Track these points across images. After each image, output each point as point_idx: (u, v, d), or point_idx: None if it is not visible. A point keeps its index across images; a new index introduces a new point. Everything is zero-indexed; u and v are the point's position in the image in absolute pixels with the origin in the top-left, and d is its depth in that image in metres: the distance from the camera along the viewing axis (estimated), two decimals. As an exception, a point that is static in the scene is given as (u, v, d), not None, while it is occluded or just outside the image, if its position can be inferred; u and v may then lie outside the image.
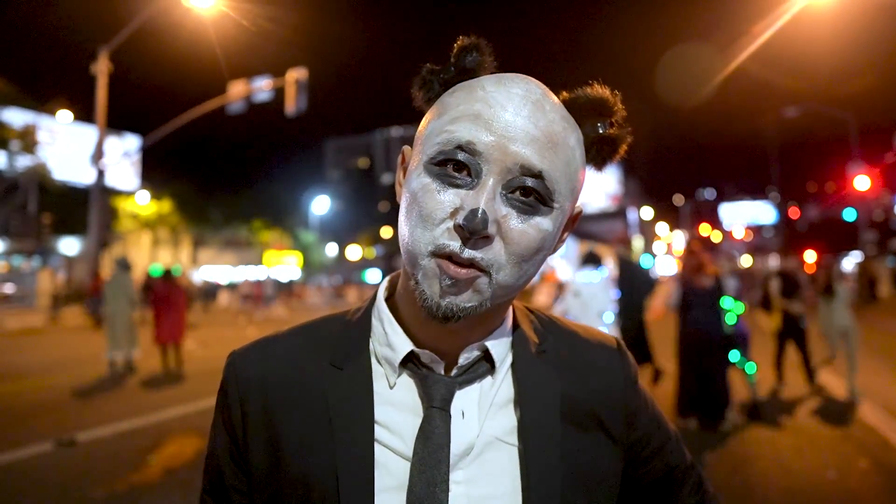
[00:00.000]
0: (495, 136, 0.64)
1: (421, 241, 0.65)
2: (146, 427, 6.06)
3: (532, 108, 0.66)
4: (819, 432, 5.78)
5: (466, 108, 0.66)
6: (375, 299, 0.81)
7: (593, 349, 0.84)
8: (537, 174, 0.65)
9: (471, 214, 0.61)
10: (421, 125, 0.73)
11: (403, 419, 0.72)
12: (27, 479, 4.62)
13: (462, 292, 0.65)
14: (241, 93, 18.89)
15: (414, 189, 0.67)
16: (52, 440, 5.49)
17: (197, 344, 11.96)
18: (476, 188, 0.64)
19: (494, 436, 0.72)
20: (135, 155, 31.53)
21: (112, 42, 19.04)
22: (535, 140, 0.65)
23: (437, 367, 0.73)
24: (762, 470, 4.75)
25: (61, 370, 9.61)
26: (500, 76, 0.70)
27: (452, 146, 0.65)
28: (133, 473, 4.69)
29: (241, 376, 0.77)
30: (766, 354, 8.29)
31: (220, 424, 0.79)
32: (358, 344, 0.77)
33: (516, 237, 0.65)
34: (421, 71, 0.75)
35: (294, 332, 0.82)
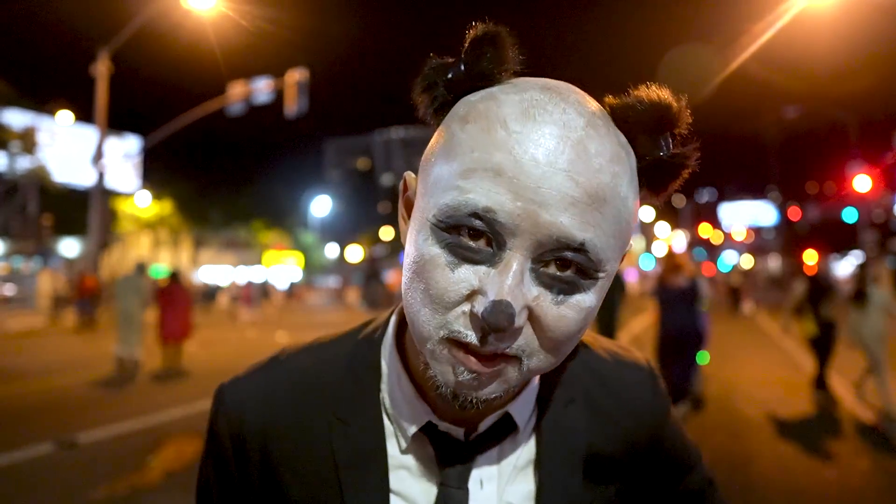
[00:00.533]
0: (522, 201, 0.49)
1: (430, 323, 0.53)
2: (147, 429, 6.05)
3: (572, 154, 0.50)
4: (819, 433, 5.77)
5: (483, 156, 0.51)
6: (384, 336, 0.70)
7: (625, 382, 0.75)
8: (578, 247, 0.51)
9: (493, 307, 0.49)
10: (428, 150, 0.58)
11: (418, 488, 0.65)
12: (27, 480, 4.61)
13: (484, 386, 0.54)
14: (241, 94, 18.90)
15: (419, 257, 0.54)
16: (53, 442, 5.49)
17: (198, 345, 11.95)
18: (499, 266, 0.51)
19: (516, 502, 0.66)
20: (135, 156, 31.54)
21: (112, 43, 19.05)
22: (576, 203, 0.50)
23: (455, 433, 0.65)
24: (762, 470, 4.75)
25: (62, 372, 9.60)
26: (530, 102, 0.52)
27: (466, 212, 0.51)
28: (134, 475, 4.69)
29: (234, 417, 0.68)
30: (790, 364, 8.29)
31: (212, 473, 0.71)
32: (366, 393, 0.68)
33: (551, 323, 0.52)
34: (425, 67, 0.59)
35: (293, 369, 0.71)
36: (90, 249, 20.82)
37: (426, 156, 0.58)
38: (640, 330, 15.80)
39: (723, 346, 12.19)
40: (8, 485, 4.54)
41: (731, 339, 13.65)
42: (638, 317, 19.80)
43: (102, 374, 9.27)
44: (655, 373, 0.80)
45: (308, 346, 0.74)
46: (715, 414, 6.56)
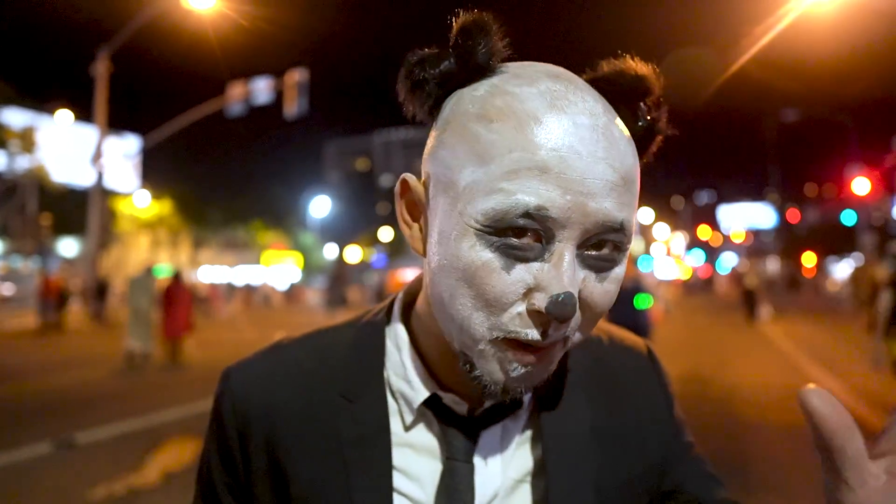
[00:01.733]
0: (571, 194, 0.51)
1: (483, 325, 0.53)
2: (145, 429, 6.05)
3: (605, 142, 0.52)
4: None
5: (525, 156, 0.51)
6: (391, 315, 0.71)
7: (623, 361, 0.76)
8: (619, 227, 0.53)
9: (558, 301, 0.50)
10: (437, 153, 0.57)
11: (423, 465, 0.65)
12: (26, 480, 4.61)
13: (535, 371, 0.56)
14: (240, 94, 18.91)
15: (467, 263, 0.52)
16: (51, 442, 5.49)
17: (196, 345, 11.95)
18: (552, 260, 0.52)
19: (516, 479, 0.66)
20: (134, 156, 31.54)
21: (112, 43, 19.06)
22: (615, 188, 0.52)
23: (459, 409, 0.65)
24: (762, 473, 4.75)
25: (60, 371, 9.60)
26: (550, 94, 0.53)
27: (517, 213, 0.51)
28: (132, 475, 4.68)
29: (239, 401, 0.68)
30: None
31: (214, 456, 0.70)
32: (371, 372, 0.68)
33: (598, 300, 0.55)
34: (406, 63, 0.58)
35: (299, 351, 0.72)
36: (89, 249, 20.81)
37: (438, 157, 0.57)
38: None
39: (723, 349, 12.20)
40: (6, 485, 4.53)
41: (731, 341, 13.66)
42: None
43: (101, 374, 9.28)
44: (655, 356, 0.79)
45: (311, 333, 0.75)
46: (714, 417, 6.56)
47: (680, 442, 0.78)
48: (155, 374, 9.38)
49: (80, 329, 17.24)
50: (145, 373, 9.53)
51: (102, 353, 11.53)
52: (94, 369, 9.69)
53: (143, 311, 10.22)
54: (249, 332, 15.43)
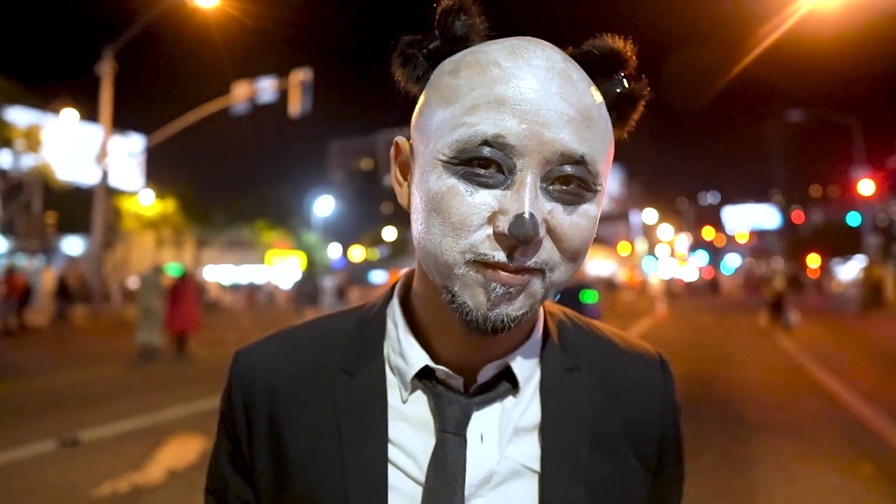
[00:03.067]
0: (527, 123, 0.55)
1: (454, 249, 0.56)
2: (150, 427, 6.06)
3: (560, 81, 0.57)
4: (822, 436, 5.76)
5: (484, 92, 0.56)
6: (392, 297, 0.74)
7: (633, 364, 0.76)
8: (578, 160, 0.56)
9: (517, 220, 0.53)
10: (419, 110, 0.63)
11: (417, 439, 0.66)
12: (30, 478, 4.62)
13: (514, 299, 0.57)
14: (245, 94, 18.94)
15: (435, 192, 0.57)
16: (56, 439, 5.50)
17: (201, 344, 11.98)
18: (514, 187, 0.55)
19: (519, 462, 0.65)
20: (139, 155, 31.60)
21: (117, 42, 19.10)
22: (572, 120, 0.56)
23: (453, 384, 0.66)
24: (765, 474, 4.74)
25: (65, 369, 9.63)
26: (511, 45, 0.59)
27: (477, 142, 0.55)
28: (136, 473, 4.69)
29: (246, 378, 0.72)
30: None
31: (223, 430, 0.74)
32: (371, 347, 0.71)
33: (568, 232, 0.57)
34: (398, 44, 0.65)
35: (303, 330, 0.76)
36: (93, 247, 20.87)
37: (419, 114, 0.63)
38: (644, 330, 15.80)
39: (725, 349, 12.17)
40: (10, 482, 4.55)
41: (733, 341, 13.63)
42: (641, 319, 19.80)
43: (106, 372, 9.30)
44: (667, 364, 0.79)
45: (316, 318, 0.79)
46: (717, 417, 6.55)
47: (673, 461, 0.77)
48: (160, 371, 9.44)
49: (87, 327, 17.29)
50: (150, 370, 9.60)
51: (106, 351, 11.57)
52: (97, 368, 9.71)
53: (153, 308, 10.60)
54: (254, 331, 15.45)
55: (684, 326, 17.78)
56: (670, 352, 5.41)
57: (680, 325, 18.10)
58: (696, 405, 7.14)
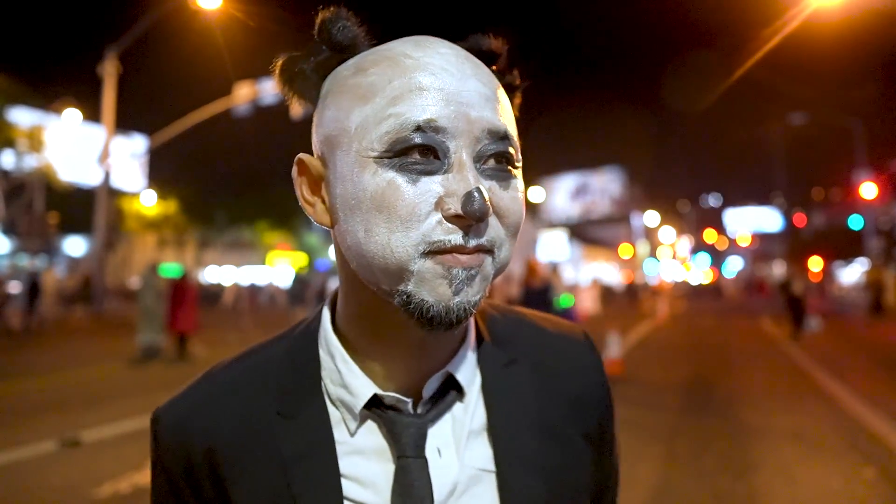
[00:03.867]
0: (453, 105, 0.56)
1: (405, 244, 0.55)
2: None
3: (471, 65, 0.60)
4: (825, 441, 5.75)
5: (403, 82, 0.56)
6: (320, 325, 0.70)
7: (565, 347, 0.77)
8: (503, 136, 0.58)
9: (468, 198, 0.53)
10: (325, 119, 0.61)
11: (374, 468, 0.64)
12: (31, 478, 4.62)
13: (473, 282, 0.57)
14: (247, 95, 18.96)
15: (373, 192, 0.55)
16: (57, 440, 5.50)
17: (202, 345, 11.98)
18: (453, 169, 0.56)
19: (476, 467, 0.65)
20: (141, 156, 31.64)
21: (120, 43, 19.13)
22: (490, 99, 0.58)
23: (403, 407, 0.64)
24: (766, 479, 4.73)
25: (66, 369, 9.64)
26: (413, 39, 0.60)
27: (408, 129, 0.55)
28: (137, 474, 4.69)
29: (176, 441, 0.66)
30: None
31: (168, 501, 0.68)
32: (307, 385, 0.67)
33: (509, 206, 0.59)
34: (278, 61, 0.64)
35: (231, 375, 0.70)
36: (95, 248, 20.89)
37: (326, 122, 0.61)
38: (646, 333, 15.79)
39: (726, 354, 12.15)
40: (11, 483, 4.55)
41: (735, 345, 13.61)
42: (643, 322, 19.77)
43: (107, 373, 9.31)
44: (593, 341, 0.81)
45: (240, 354, 0.74)
46: (718, 421, 6.54)
47: (609, 432, 0.79)
48: (161, 372, 9.45)
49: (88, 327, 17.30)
50: (151, 370, 9.61)
51: (107, 352, 11.58)
52: (98, 368, 9.71)
53: (152, 307, 10.66)
54: (254, 332, 15.45)
55: (686, 329, 17.76)
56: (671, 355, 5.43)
57: (681, 329, 18.08)
58: (697, 408, 7.13)
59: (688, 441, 5.71)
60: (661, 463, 5.04)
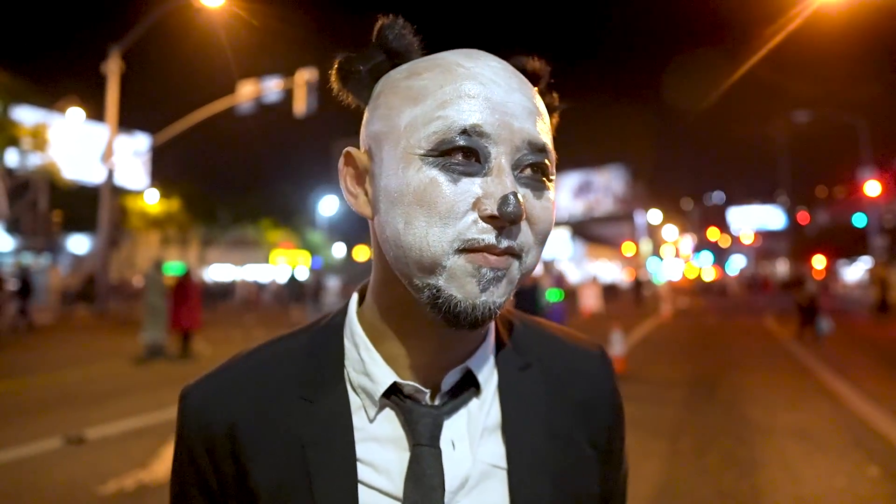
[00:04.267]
0: (498, 114, 0.59)
1: (442, 240, 0.58)
2: (155, 425, 6.08)
3: (517, 79, 0.63)
4: (829, 439, 5.74)
5: (454, 88, 0.60)
6: (346, 315, 0.73)
7: (579, 357, 0.80)
8: (542, 148, 0.62)
9: (504, 201, 0.56)
10: (375, 117, 0.65)
11: (390, 455, 0.66)
12: (35, 476, 4.64)
13: (500, 283, 0.60)
14: (250, 93, 18.97)
15: (416, 185, 0.59)
16: (61, 437, 5.52)
17: (205, 343, 12.01)
18: (492, 173, 0.59)
19: (488, 463, 0.67)
20: (145, 154, 31.69)
21: (123, 41, 19.16)
22: (532, 113, 0.62)
23: (420, 398, 0.67)
24: (771, 476, 4.72)
25: (70, 367, 9.67)
26: (465, 51, 0.65)
27: (455, 132, 0.58)
28: (142, 471, 4.70)
29: (201, 420, 0.69)
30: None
31: (188, 483, 0.70)
32: (330, 371, 0.70)
33: (540, 215, 0.62)
34: (336, 60, 0.68)
35: (255, 361, 0.73)
36: (99, 246, 20.94)
37: (377, 120, 0.65)
38: (650, 330, 15.78)
39: (730, 351, 12.14)
40: (16, 480, 4.57)
41: (738, 343, 13.59)
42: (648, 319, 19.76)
43: (111, 370, 9.33)
44: (607, 355, 0.83)
45: (267, 342, 0.77)
46: (722, 419, 6.53)
47: (619, 444, 0.81)
48: (165, 369, 9.48)
49: (92, 325, 17.34)
50: (155, 368, 9.63)
51: (111, 350, 11.61)
52: (102, 366, 9.74)
53: (156, 306, 10.70)
54: (258, 329, 15.48)
55: (689, 327, 17.74)
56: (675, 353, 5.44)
57: (685, 327, 18.07)
58: (701, 406, 7.13)
59: (692, 438, 5.71)
60: (664, 460, 5.03)
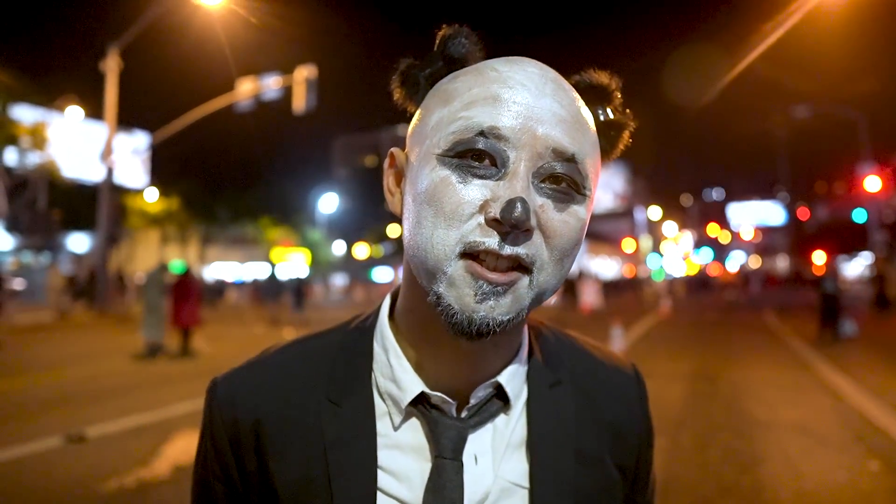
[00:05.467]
0: (521, 118, 0.57)
1: (445, 242, 0.57)
2: (155, 423, 6.08)
3: (554, 86, 0.60)
4: (829, 433, 5.74)
5: (481, 91, 0.59)
6: (378, 317, 0.73)
7: (612, 377, 0.78)
8: (570, 158, 0.58)
9: (508, 204, 0.54)
10: (416, 121, 0.66)
11: (411, 465, 0.66)
12: (36, 474, 4.64)
13: (500, 299, 0.57)
14: (249, 91, 18.95)
15: (427, 186, 0.58)
16: (62, 435, 5.52)
17: (206, 340, 12.01)
18: (507, 177, 0.56)
19: (510, 480, 0.66)
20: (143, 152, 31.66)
21: (122, 39, 19.13)
22: (564, 120, 0.59)
23: (447, 409, 0.65)
24: (772, 471, 4.72)
25: (71, 366, 9.66)
26: (508, 57, 0.63)
27: (472, 133, 0.57)
28: (142, 469, 4.70)
29: (228, 413, 0.70)
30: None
31: (210, 472, 0.71)
32: (358, 375, 0.69)
33: (558, 228, 0.58)
34: (399, 66, 0.68)
35: (285, 358, 0.73)
36: (98, 245, 20.93)
37: (417, 123, 0.65)
38: (650, 326, 15.78)
39: (731, 348, 12.14)
40: (17, 478, 4.56)
41: (739, 339, 13.59)
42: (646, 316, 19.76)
43: (111, 368, 9.33)
44: (641, 376, 0.82)
45: (298, 339, 0.77)
46: (723, 414, 6.54)
47: (647, 469, 0.80)
48: (165, 367, 9.49)
49: (92, 323, 17.34)
50: (156, 366, 9.64)
51: (111, 348, 11.60)
52: (102, 365, 9.74)
53: (157, 304, 10.80)
54: (258, 326, 15.48)
55: (689, 324, 17.74)
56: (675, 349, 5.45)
57: (684, 323, 18.07)
58: (702, 402, 7.13)
59: (692, 434, 5.71)
60: (665, 455, 5.03)
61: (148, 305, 10.87)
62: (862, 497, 4.23)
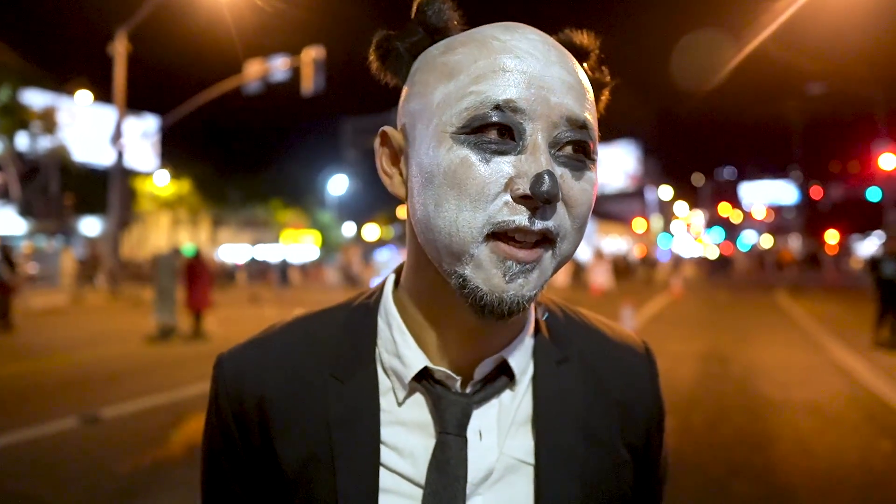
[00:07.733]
0: (534, 88, 0.56)
1: (472, 224, 0.55)
2: (169, 404, 6.14)
3: (557, 52, 0.59)
4: (841, 414, 5.73)
5: (488, 63, 0.57)
6: (382, 296, 0.72)
7: (622, 354, 0.76)
8: (582, 125, 0.58)
9: (538, 179, 0.53)
10: (411, 95, 0.63)
11: (415, 441, 0.65)
12: (51, 455, 4.70)
13: (529, 276, 0.57)
14: (258, 72, 18.89)
15: (447, 166, 0.56)
16: (77, 416, 5.59)
17: (217, 322, 12.10)
18: (527, 150, 0.55)
19: (515, 457, 0.66)
20: (154, 135, 31.74)
21: (130, 22, 19.09)
22: (573, 88, 0.58)
23: (451, 384, 0.65)
24: (783, 451, 4.72)
25: (85, 348, 9.77)
26: (503, 24, 0.61)
27: (487, 107, 0.55)
28: (156, 449, 4.76)
29: (233, 388, 0.70)
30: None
31: (217, 448, 0.71)
32: (362, 352, 0.69)
33: (578, 197, 0.58)
34: (375, 39, 0.66)
35: (290, 335, 0.73)
36: (110, 228, 21.07)
37: (412, 97, 0.63)
38: (662, 306, 15.75)
39: (742, 328, 12.10)
40: (32, 459, 4.63)
41: (751, 320, 13.55)
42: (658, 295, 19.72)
43: (125, 350, 9.43)
44: (653, 354, 0.80)
45: (301, 316, 0.76)
46: (735, 395, 6.53)
47: (658, 449, 0.78)
48: (178, 349, 9.58)
49: (105, 306, 17.50)
50: (168, 348, 9.74)
51: (125, 330, 11.71)
52: (116, 347, 9.84)
53: (169, 288, 10.91)
54: (269, 308, 15.57)
55: (700, 304, 17.69)
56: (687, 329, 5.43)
57: (696, 303, 18.01)
58: (713, 382, 7.12)
59: (703, 413, 5.71)
60: (676, 435, 5.04)
61: (160, 288, 10.98)
62: (873, 477, 4.23)
